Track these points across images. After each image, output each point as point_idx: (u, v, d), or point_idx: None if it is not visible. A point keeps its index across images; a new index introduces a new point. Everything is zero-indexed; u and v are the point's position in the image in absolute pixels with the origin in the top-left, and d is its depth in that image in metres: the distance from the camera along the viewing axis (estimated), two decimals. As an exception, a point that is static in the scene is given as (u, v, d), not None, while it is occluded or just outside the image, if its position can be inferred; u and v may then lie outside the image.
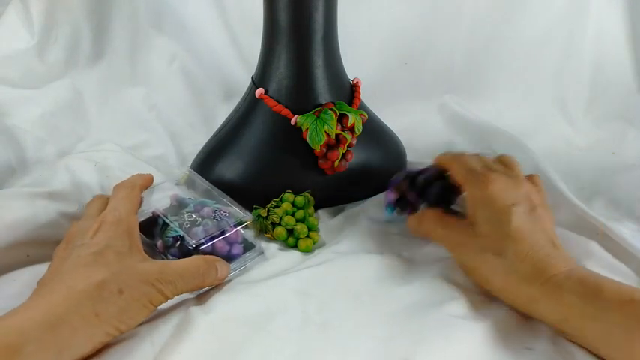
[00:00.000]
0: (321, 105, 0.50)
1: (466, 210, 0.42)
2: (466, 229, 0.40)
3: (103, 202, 0.43)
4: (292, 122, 0.49)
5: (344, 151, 0.49)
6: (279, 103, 0.50)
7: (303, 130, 0.49)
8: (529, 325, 0.37)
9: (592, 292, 0.33)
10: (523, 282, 0.36)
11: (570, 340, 0.35)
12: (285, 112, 0.49)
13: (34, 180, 0.58)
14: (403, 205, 0.47)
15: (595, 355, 0.34)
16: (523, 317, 0.37)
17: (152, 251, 0.44)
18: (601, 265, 0.42)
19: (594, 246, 0.45)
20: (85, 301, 0.32)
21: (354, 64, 0.56)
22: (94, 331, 0.32)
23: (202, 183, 0.48)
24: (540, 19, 0.78)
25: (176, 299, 0.39)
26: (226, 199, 0.46)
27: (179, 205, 0.46)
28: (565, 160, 0.65)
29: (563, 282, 0.34)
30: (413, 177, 0.47)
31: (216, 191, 0.47)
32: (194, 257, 0.39)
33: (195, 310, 0.37)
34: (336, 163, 0.49)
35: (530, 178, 0.44)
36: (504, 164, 0.44)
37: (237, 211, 0.45)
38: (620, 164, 0.64)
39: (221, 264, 0.40)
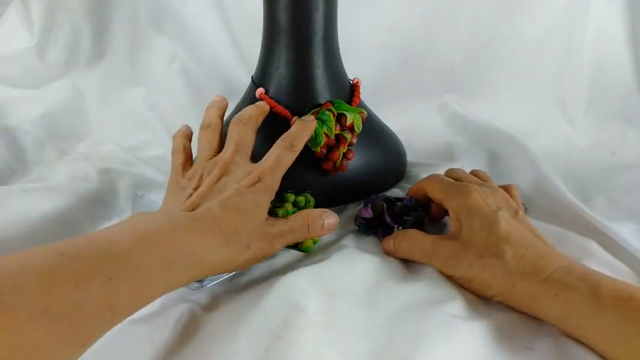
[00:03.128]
0: (320, 105, 0.50)
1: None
2: (454, 242, 0.40)
3: (251, 132, 0.43)
4: (291, 123, 0.49)
5: (344, 151, 0.49)
6: (280, 102, 0.50)
7: (303, 131, 0.49)
8: (529, 325, 0.37)
9: (592, 288, 0.33)
10: (524, 280, 0.36)
11: (571, 338, 0.35)
12: (285, 112, 0.49)
13: (33, 179, 0.58)
14: (374, 225, 0.47)
15: (596, 353, 0.34)
16: (523, 317, 0.37)
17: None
18: (601, 265, 0.42)
19: (594, 246, 0.45)
20: (224, 242, 0.34)
21: (354, 64, 0.56)
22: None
23: None
24: (540, 19, 0.78)
25: (176, 299, 0.39)
26: None
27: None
28: (565, 160, 0.65)
29: (563, 278, 0.35)
30: (391, 201, 0.48)
31: None
32: (302, 212, 0.42)
33: (195, 309, 0.37)
34: (338, 163, 0.49)
35: (507, 188, 0.45)
36: (479, 177, 0.46)
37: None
38: (620, 164, 0.64)
39: (328, 215, 0.42)
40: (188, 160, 0.44)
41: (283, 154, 0.41)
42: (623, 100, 0.76)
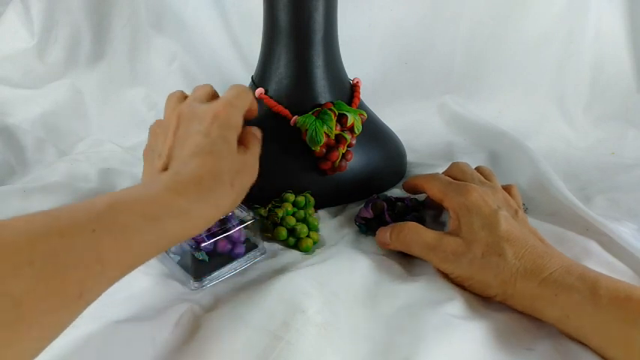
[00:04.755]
0: (320, 105, 0.50)
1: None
2: (456, 239, 0.40)
3: (211, 91, 0.40)
4: (291, 123, 0.49)
5: (344, 151, 0.49)
6: (279, 103, 0.50)
7: (303, 131, 0.49)
8: (529, 326, 0.37)
9: (591, 288, 0.34)
10: (524, 280, 0.36)
11: (571, 338, 0.35)
12: (285, 112, 0.49)
13: (33, 179, 0.58)
14: (374, 225, 0.47)
15: (595, 353, 0.34)
16: (523, 317, 0.37)
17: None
18: (601, 264, 0.42)
19: (594, 246, 0.45)
20: (206, 190, 0.32)
21: (354, 64, 0.56)
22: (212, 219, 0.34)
23: None
24: (540, 19, 0.78)
25: (176, 299, 0.39)
26: None
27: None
28: (565, 160, 0.65)
29: (563, 278, 0.35)
30: (392, 201, 0.48)
31: None
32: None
33: (196, 308, 0.37)
34: (337, 163, 0.49)
35: (508, 188, 0.45)
36: (483, 174, 0.46)
37: (241, 211, 0.45)
38: (620, 164, 0.64)
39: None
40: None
41: (236, 90, 0.39)
42: (623, 100, 0.76)
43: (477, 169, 0.47)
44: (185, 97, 0.40)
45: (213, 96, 0.39)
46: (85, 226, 0.25)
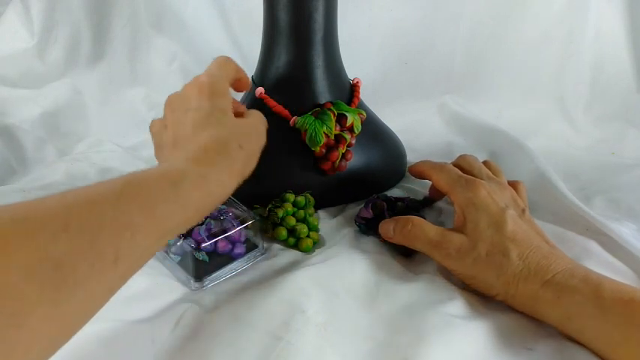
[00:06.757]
0: (320, 105, 0.50)
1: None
2: (461, 237, 0.39)
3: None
4: (291, 124, 0.49)
5: (343, 151, 0.49)
6: (279, 103, 0.50)
7: (302, 132, 0.49)
8: (529, 326, 0.37)
9: (594, 291, 0.33)
10: (527, 281, 0.36)
11: (573, 340, 0.35)
12: (285, 113, 0.49)
13: (33, 179, 0.58)
14: (374, 225, 0.46)
15: (597, 355, 0.34)
16: (523, 317, 0.37)
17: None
18: (601, 265, 0.42)
19: (594, 246, 0.45)
20: (216, 156, 0.33)
21: (354, 64, 0.56)
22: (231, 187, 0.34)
23: None
24: (540, 19, 0.78)
25: (177, 299, 0.39)
26: (231, 199, 0.46)
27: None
28: (565, 160, 0.65)
29: (566, 280, 0.35)
30: (392, 201, 0.48)
31: None
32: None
33: (196, 309, 0.37)
34: (336, 163, 0.49)
35: (515, 184, 0.45)
36: (490, 169, 0.46)
37: (241, 211, 0.45)
38: (620, 164, 0.64)
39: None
40: None
41: (217, 60, 0.39)
42: (623, 100, 0.76)
43: (485, 163, 0.47)
44: None
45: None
46: (111, 195, 0.26)
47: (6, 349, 0.20)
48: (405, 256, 0.45)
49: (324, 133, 0.48)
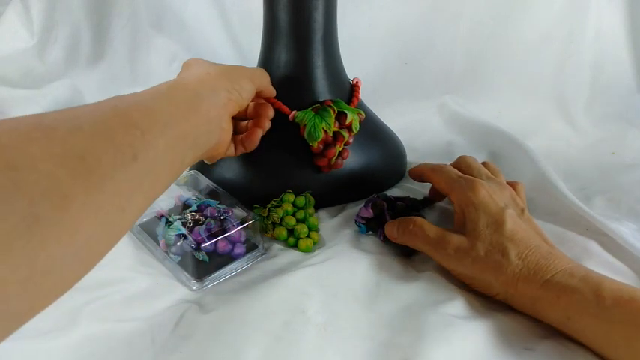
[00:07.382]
0: (320, 102, 0.50)
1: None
2: (461, 237, 0.39)
3: None
4: (290, 118, 0.49)
5: (340, 149, 0.49)
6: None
7: (301, 127, 0.49)
8: (529, 326, 0.37)
9: (593, 290, 0.33)
10: (526, 281, 0.36)
11: (573, 340, 0.35)
12: (284, 108, 0.49)
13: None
14: (374, 225, 0.47)
15: (596, 354, 0.34)
16: (523, 317, 0.37)
17: (154, 251, 0.44)
18: (601, 265, 0.42)
19: (594, 246, 0.45)
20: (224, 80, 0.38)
21: (354, 64, 0.56)
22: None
23: (207, 183, 0.49)
24: (540, 19, 0.78)
25: (176, 299, 0.39)
26: (231, 199, 0.46)
27: (183, 206, 0.46)
28: (565, 160, 0.65)
29: (566, 280, 0.35)
30: (392, 201, 0.48)
31: (220, 191, 0.47)
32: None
33: (196, 309, 0.37)
34: (333, 161, 0.49)
35: (514, 184, 0.45)
36: (489, 170, 0.46)
37: (241, 211, 0.45)
38: (620, 164, 0.64)
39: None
40: None
41: (257, 68, 0.47)
42: (623, 100, 0.76)
43: (483, 164, 0.47)
44: None
45: None
46: (106, 106, 0.28)
47: (56, 232, 0.21)
48: (406, 256, 0.45)
49: (323, 129, 0.48)
